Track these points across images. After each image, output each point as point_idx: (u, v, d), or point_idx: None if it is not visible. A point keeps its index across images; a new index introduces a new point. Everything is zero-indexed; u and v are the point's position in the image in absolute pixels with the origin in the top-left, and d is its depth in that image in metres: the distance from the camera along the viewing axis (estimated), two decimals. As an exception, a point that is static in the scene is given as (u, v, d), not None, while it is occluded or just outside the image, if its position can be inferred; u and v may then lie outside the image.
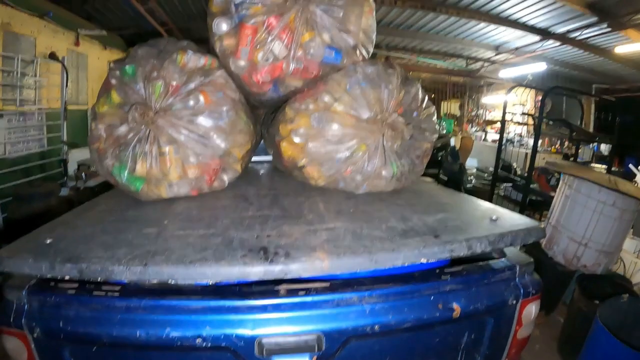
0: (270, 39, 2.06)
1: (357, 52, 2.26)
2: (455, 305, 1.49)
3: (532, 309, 1.66)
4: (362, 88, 2.18)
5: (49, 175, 5.95)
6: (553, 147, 11.40)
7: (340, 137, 2.17)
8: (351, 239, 1.54)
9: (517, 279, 1.65)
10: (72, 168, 5.93)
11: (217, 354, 1.39)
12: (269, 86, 2.25)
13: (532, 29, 8.82)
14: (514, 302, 1.61)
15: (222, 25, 2.12)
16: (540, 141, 10.84)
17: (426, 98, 2.42)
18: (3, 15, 5.03)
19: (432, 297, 1.49)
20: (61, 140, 6.15)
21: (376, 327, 1.41)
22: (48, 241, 1.54)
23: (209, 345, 1.35)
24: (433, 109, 2.47)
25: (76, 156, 6.15)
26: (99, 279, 1.36)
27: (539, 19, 8.30)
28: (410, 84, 2.34)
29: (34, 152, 5.81)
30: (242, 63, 2.14)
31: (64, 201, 4.95)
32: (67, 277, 1.37)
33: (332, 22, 2.12)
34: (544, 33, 8.90)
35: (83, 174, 5.57)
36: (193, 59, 2.15)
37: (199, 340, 1.34)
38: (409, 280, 1.52)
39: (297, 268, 1.36)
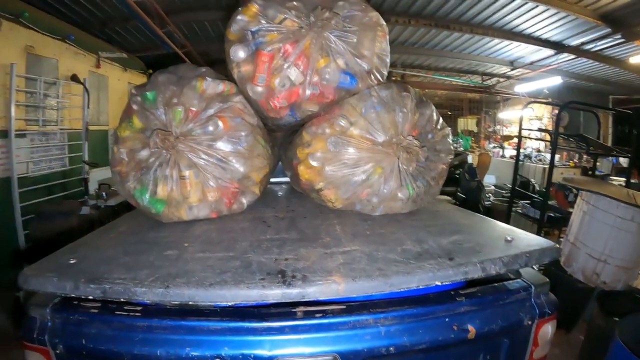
0: (286, 65, 2.12)
1: (372, 76, 2.30)
2: (470, 327, 1.50)
3: (548, 329, 1.66)
4: (377, 112, 2.22)
5: (70, 193, 6.07)
6: (571, 161, 11.27)
7: (356, 161, 2.21)
8: (367, 262, 1.56)
9: (532, 299, 1.65)
10: (93, 187, 6.02)
11: None
12: (286, 111, 2.30)
13: (546, 43, 8.81)
14: (530, 322, 1.61)
15: (239, 53, 2.18)
16: (557, 156, 10.84)
17: (441, 119, 2.45)
18: (26, 39, 5.18)
19: (447, 319, 1.50)
20: (82, 160, 6.27)
21: (391, 348, 1.43)
22: (72, 261, 1.60)
23: None
24: (448, 130, 2.50)
25: (97, 175, 6.27)
26: (121, 299, 1.41)
27: (552, 33, 8.29)
28: (425, 106, 2.37)
29: (55, 171, 5.94)
30: (259, 89, 2.20)
31: (85, 219, 5.03)
32: (90, 297, 1.42)
33: (346, 47, 2.18)
34: (558, 46, 8.89)
35: (104, 193, 5.64)
36: (212, 86, 2.20)
37: None
38: (424, 302, 1.54)
39: (314, 291, 1.39)
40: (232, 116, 2.18)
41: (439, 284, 1.47)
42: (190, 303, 1.39)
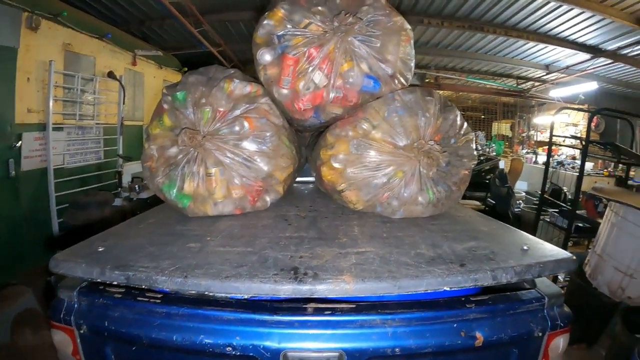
0: (310, 68, 2.16)
1: (396, 80, 2.32)
2: (478, 334, 1.50)
3: (559, 342, 1.63)
4: (399, 116, 2.24)
5: (104, 185, 6.21)
6: (605, 170, 10.91)
7: (378, 164, 2.24)
8: (378, 264, 1.59)
9: (545, 310, 1.63)
10: (126, 180, 6.19)
11: None
12: (311, 113, 2.35)
13: (582, 47, 8.60)
14: (540, 334, 1.59)
15: (265, 56, 2.24)
16: (592, 164, 10.52)
17: (465, 124, 2.44)
18: (64, 37, 5.34)
19: (455, 325, 1.51)
20: (117, 154, 6.43)
21: (397, 350, 1.45)
22: (100, 249, 1.71)
23: (238, 354, 1.44)
24: (472, 135, 2.49)
25: (130, 169, 6.43)
26: (143, 286, 1.50)
27: (588, 36, 8.10)
28: (449, 111, 2.37)
29: (90, 163, 6.11)
30: (284, 91, 2.25)
31: (117, 211, 5.19)
32: (115, 282, 1.52)
33: (369, 52, 2.20)
34: (595, 50, 8.65)
35: (136, 186, 5.80)
36: (239, 87, 2.28)
37: (229, 349, 1.44)
38: (433, 306, 1.55)
39: (323, 289, 1.43)
40: (257, 117, 2.25)
41: (448, 289, 1.48)
42: (207, 293, 1.46)
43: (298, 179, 3.36)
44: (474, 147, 2.52)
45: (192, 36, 7.30)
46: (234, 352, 1.44)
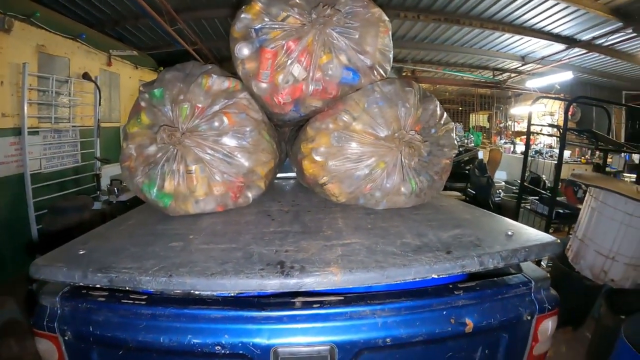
0: (289, 61, 2.14)
1: (375, 71, 2.31)
2: (467, 320, 1.50)
3: (548, 325, 1.65)
4: (379, 107, 2.24)
5: (83, 189, 6.14)
6: (583, 157, 11.14)
7: (359, 155, 2.23)
8: (365, 254, 1.59)
9: (532, 294, 1.64)
10: (105, 183, 6.11)
11: None
12: (290, 107, 2.32)
13: (558, 38, 8.75)
14: (529, 317, 1.60)
15: (243, 50, 2.21)
16: (569, 152, 10.72)
17: (445, 114, 2.45)
18: (38, 38, 5.26)
19: (444, 312, 1.51)
20: (94, 156, 6.36)
21: (388, 340, 1.45)
22: (81, 252, 1.65)
23: (227, 352, 1.42)
24: (452, 125, 2.50)
25: (109, 171, 6.36)
26: (127, 288, 1.46)
27: (563, 27, 8.24)
28: (428, 101, 2.38)
29: (68, 167, 6.03)
30: (263, 85, 2.23)
31: (97, 214, 5.08)
32: (97, 286, 1.47)
33: (348, 43, 2.19)
34: (570, 41, 8.82)
35: (115, 189, 5.71)
36: (217, 82, 2.24)
37: (218, 348, 1.41)
38: (422, 294, 1.55)
39: (311, 282, 1.42)
40: (237, 112, 2.22)
41: (436, 276, 1.49)
42: (193, 292, 1.43)
43: (279, 175, 3.35)
44: (454, 136, 2.53)
45: (168, 35, 7.21)
46: (223, 351, 1.42)
